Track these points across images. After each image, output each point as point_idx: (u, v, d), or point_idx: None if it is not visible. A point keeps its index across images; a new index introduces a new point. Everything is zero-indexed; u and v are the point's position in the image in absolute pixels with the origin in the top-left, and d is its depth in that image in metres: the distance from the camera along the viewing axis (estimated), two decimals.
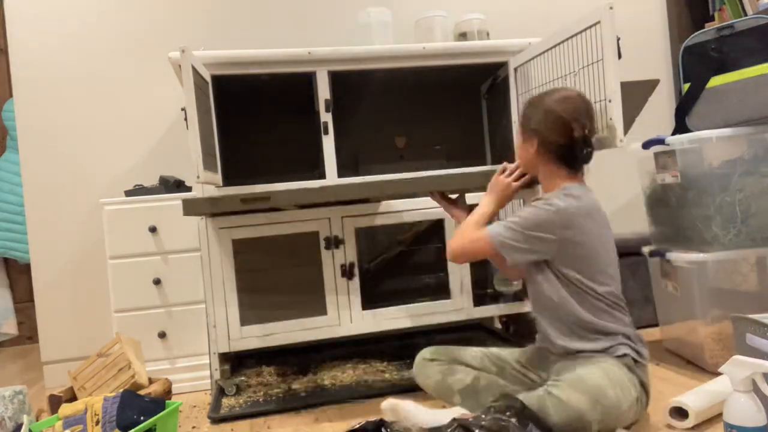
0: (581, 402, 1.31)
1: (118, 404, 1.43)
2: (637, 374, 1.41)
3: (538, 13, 2.72)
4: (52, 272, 2.39)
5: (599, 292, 1.45)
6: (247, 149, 2.33)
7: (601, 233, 1.50)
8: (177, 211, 2.13)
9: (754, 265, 1.81)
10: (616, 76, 1.54)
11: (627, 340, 1.45)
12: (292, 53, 1.96)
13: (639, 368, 1.43)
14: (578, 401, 1.31)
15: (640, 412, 1.44)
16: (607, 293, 1.46)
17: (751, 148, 1.80)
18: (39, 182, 2.39)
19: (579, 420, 1.30)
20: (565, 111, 1.48)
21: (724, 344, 1.81)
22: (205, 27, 2.50)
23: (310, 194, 1.75)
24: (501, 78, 2.24)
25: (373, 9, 2.29)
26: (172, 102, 2.47)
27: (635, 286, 2.40)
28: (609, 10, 1.53)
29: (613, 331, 1.45)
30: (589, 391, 1.32)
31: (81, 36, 2.42)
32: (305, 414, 1.78)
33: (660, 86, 2.83)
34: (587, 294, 1.46)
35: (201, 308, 2.14)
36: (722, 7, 2.59)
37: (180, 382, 2.12)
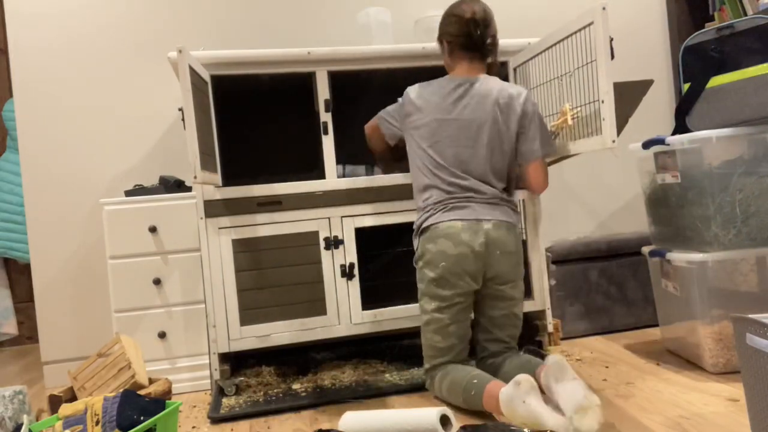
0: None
1: (118, 404, 1.43)
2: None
3: (537, 13, 2.72)
4: (52, 272, 2.39)
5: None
6: (247, 149, 2.33)
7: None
8: (177, 211, 2.13)
9: (754, 265, 1.81)
10: (609, 77, 1.54)
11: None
12: (292, 53, 1.96)
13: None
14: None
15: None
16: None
17: (751, 148, 1.80)
18: (39, 182, 2.39)
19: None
20: (452, 5, 1.87)
21: (724, 344, 1.81)
22: (205, 27, 2.50)
23: (323, 197, 1.76)
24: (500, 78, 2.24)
25: (372, 9, 2.29)
26: (172, 102, 2.47)
27: (635, 286, 2.40)
28: (602, 11, 1.53)
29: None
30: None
31: (81, 36, 2.42)
32: (305, 414, 1.78)
33: (660, 86, 2.84)
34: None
35: (201, 308, 2.14)
36: (722, 7, 2.59)
37: (180, 382, 2.12)
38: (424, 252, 1.77)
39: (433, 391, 1.77)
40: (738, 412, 1.52)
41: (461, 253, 1.71)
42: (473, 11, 1.81)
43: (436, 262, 1.73)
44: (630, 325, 2.40)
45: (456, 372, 1.69)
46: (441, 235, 1.74)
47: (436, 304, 1.75)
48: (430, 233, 1.76)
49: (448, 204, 1.77)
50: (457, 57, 1.86)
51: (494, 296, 1.78)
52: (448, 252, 1.72)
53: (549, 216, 2.74)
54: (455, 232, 1.73)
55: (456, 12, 1.84)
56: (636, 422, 1.51)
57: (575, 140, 1.76)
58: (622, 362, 2.01)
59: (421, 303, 1.80)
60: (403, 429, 1.47)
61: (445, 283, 1.73)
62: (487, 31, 1.83)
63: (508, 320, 1.80)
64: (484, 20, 1.82)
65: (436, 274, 1.74)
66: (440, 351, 1.75)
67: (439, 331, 1.74)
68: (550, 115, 1.93)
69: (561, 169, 2.76)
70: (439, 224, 1.75)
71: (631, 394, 1.71)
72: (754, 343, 1.37)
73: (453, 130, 1.79)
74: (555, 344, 2.24)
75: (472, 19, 1.80)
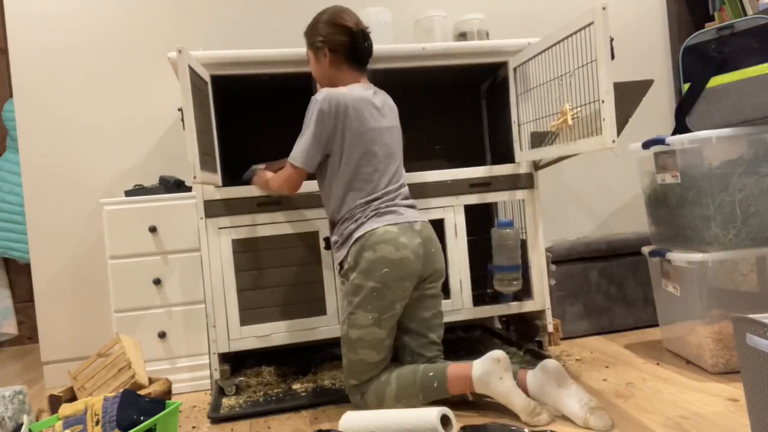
0: None
1: (118, 404, 1.43)
2: None
3: (537, 13, 2.72)
4: (52, 272, 2.39)
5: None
6: (247, 149, 2.33)
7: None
8: (177, 211, 2.13)
9: (754, 265, 1.81)
10: (609, 77, 1.54)
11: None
12: (292, 53, 1.96)
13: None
14: None
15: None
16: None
17: (751, 148, 1.80)
18: (39, 182, 2.39)
19: None
20: (330, 13, 1.79)
21: (724, 344, 1.81)
22: (205, 27, 2.50)
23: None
24: (501, 78, 2.24)
25: (372, 9, 2.29)
26: (171, 102, 2.47)
27: (635, 286, 2.40)
28: (602, 11, 1.53)
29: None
30: None
31: (81, 36, 2.42)
32: (305, 414, 1.78)
33: (660, 86, 2.84)
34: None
35: (201, 308, 2.14)
36: (722, 7, 2.59)
37: (180, 382, 2.12)
38: (358, 261, 1.68)
39: (365, 406, 1.70)
40: (738, 412, 1.52)
41: (404, 256, 1.66)
42: (356, 22, 1.79)
43: (377, 270, 1.65)
44: (630, 325, 2.40)
45: (401, 376, 1.66)
46: (379, 241, 1.66)
47: (374, 317, 1.66)
48: (364, 241, 1.68)
49: (379, 210, 1.73)
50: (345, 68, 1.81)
51: (426, 296, 1.76)
52: (389, 257, 1.65)
53: (549, 216, 2.74)
54: (393, 236, 1.67)
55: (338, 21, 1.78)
56: (636, 422, 1.51)
57: (575, 140, 1.76)
58: (622, 362, 2.01)
59: (351, 319, 1.69)
60: (404, 429, 1.46)
61: (386, 290, 1.66)
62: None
63: (437, 319, 1.79)
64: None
65: (378, 282, 1.65)
66: (372, 366, 1.68)
67: (374, 346, 1.67)
68: (550, 115, 1.93)
69: (561, 169, 2.76)
70: (374, 231, 1.68)
71: (631, 394, 1.71)
72: (754, 343, 1.37)
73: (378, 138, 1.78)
74: (555, 344, 2.24)
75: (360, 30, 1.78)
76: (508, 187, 2.11)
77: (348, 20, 1.77)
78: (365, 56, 1.81)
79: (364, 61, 1.82)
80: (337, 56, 1.78)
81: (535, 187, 2.13)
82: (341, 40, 1.76)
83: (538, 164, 2.15)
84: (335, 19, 1.78)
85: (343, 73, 1.80)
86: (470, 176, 2.09)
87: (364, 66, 1.83)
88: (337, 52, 1.78)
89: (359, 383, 1.70)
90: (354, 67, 1.80)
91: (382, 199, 1.74)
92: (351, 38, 1.76)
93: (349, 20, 1.78)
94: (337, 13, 1.79)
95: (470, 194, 2.08)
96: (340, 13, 1.79)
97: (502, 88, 2.22)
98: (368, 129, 1.74)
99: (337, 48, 1.77)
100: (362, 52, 1.79)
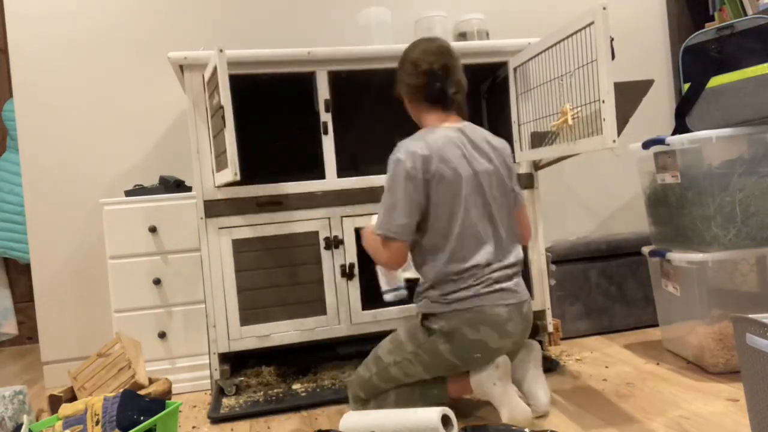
0: None
1: (118, 404, 1.43)
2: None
3: (537, 13, 2.73)
4: (52, 272, 2.39)
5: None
6: (247, 149, 2.33)
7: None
8: (177, 211, 2.14)
9: (754, 265, 1.81)
10: (609, 77, 1.54)
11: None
12: (292, 53, 1.96)
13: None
14: None
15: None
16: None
17: (751, 148, 1.80)
18: (39, 182, 2.39)
19: None
20: (411, 52, 1.66)
21: (724, 344, 1.81)
22: (205, 27, 2.50)
23: (323, 197, 1.78)
24: (501, 78, 2.24)
25: (372, 9, 2.29)
26: (171, 102, 2.47)
27: (635, 286, 2.40)
28: (603, 11, 1.53)
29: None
30: None
31: (81, 36, 2.42)
32: (305, 414, 1.78)
33: (660, 86, 2.84)
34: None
35: (201, 308, 2.14)
36: (722, 7, 2.59)
37: (180, 382, 2.12)
38: (453, 332, 1.52)
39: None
40: (738, 412, 1.52)
41: (503, 347, 1.55)
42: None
43: (469, 352, 1.53)
44: (630, 325, 2.40)
45: (399, 389, 1.64)
46: (485, 323, 1.51)
47: (430, 376, 1.59)
48: (471, 315, 1.52)
49: (491, 278, 1.55)
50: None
51: None
52: (490, 345, 1.52)
53: (549, 216, 2.74)
54: (501, 321, 1.52)
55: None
56: (636, 422, 1.51)
57: (575, 140, 1.76)
58: (622, 362, 2.01)
59: (403, 362, 1.59)
60: (404, 429, 1.46)
61: (463, 368, 1.57)
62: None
63: None
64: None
65: (461, 362, 1.55)
66: (385, 388, 1.65)
67: (403, 382, 1.62)
68: (550, 115, 1.93)
69: (561, 169, 2.75)
70: (483, 308, 1.52)
71: (631, 394, 1.71)
72: (754, 343, 1.36)
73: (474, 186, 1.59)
74: (555, 344, 2.24)
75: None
76: None
77: (418, 56, 1.64)
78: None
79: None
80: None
81: (535, 187, 2.13)
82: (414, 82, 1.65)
83: (538, 164, 2.14)
84: (407, 56, 1.68)
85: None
86: None
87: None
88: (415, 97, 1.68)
89: (365, 399, 1.68)
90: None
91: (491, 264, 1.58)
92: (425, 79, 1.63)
93: (419, 56, 1.64)
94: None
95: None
96: (411, 50, 1.68)
97: (502, 88, 2.22)
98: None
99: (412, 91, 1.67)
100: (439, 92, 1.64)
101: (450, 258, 1.54)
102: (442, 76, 1.61)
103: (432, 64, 1.61)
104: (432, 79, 1.61)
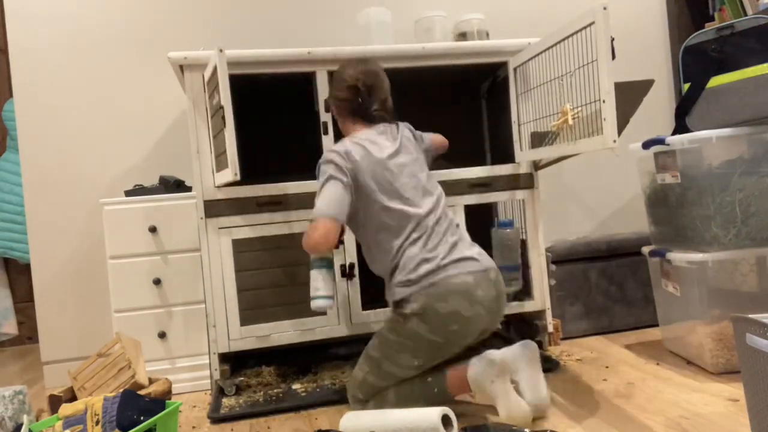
0: None
1: (118, 404, 1.43)
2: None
3: (537, 13, 2.72)
4: (52, 272, 2.39)
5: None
6: (247, 149, 2.33)
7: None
8: (177, 211, 2.14)
9: (754, 265, 1.81)
10: (610, 77, 1.54)
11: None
12: (292, 53, 1.96)
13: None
14: None
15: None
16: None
17: (751, 148, 1.80)
18: (39, 182, 2.39)
19: None
20: (344, 69, 1.79)
21: (724, 344, 1.81)
22: (205, 27, 2.50)
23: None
24: (501, 78, 2.24)
25: (372, 9, 2.29)
26: (171, 102, 2.47)
27: (635, 286, 2.40)
28: (603, 11, 1.53)
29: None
30: None
31: (81, 36, 2.42)
32: (305, 414, 1.78)
33: (660, 86, 2.84)
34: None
35: (201, 308, 2.14)
36: (722, 7, 2.59)
37: (180, 382, 2.12)
38: (426, 309, 1.56)
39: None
40: (738, 412, 1.52)
41: (477, 315, 1.57)
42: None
43: (445, 325, 1.55)
44: (630, 325, 2.40)
45: (399, 387, 1.64)
46: (454, 293, 1.55)
47: (419, 363, 1.60)
48: (438, 290, 1.56)
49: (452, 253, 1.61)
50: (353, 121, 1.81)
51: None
52: (463, 314, 1.55)
53: (549, 216, 2.74)
54: (469, 288, 1.57)
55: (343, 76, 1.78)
56: (636, 422, 1.51)
57: (576, 140, 1.76)
58: (622, 362, 2.01)
59: (391, 353, 1.61)
60: (404, 428, 1.46)
61: (446, 347, 1.58)
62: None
63: None
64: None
65: (441, 338, 1.57)
66: (385, 387, 1.65)
67: (399, 379, 1.63)
68: (550, 115, 1.93)
69: (561, 169, 2.75)
70: (449, 278, 1.57)
71: (631, 394, 1.71)
72: (754, 343, 1.37)
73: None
74: (555, 344, 2.24)
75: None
76: (508, 187, 2.11)
77: (347, 73, 1.78)
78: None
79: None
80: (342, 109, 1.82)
81: (535, 187, 2.13)
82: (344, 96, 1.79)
83: (538, 164, 2.15)
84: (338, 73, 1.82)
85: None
86: (470, 176, 2.09)
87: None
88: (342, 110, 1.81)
89: (366, 399, 1.68)
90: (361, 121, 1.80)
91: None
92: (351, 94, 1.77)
93: (349, 73, 1.78)
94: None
95: (470, 194, 2.08)
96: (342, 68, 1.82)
97: (502, 88, 2.22)
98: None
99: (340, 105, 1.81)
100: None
101: (390, 233, 1.64)
102: (366, 93, 1.75)
103: (358, 82, 1.75)
104: (356, 95, 1.75)
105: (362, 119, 1.78)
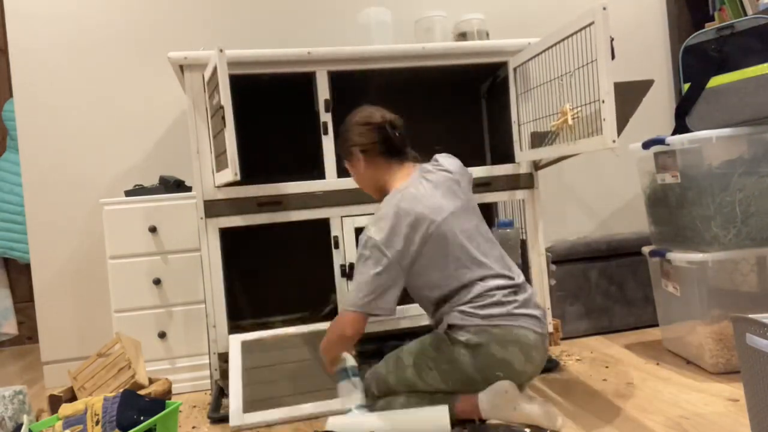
0: None
1: (118, 404, 1.43)
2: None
3: (537, 13, 2.72)
4: (52, 272, 2.39)
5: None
6: (247, 149, 2.33)
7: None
8: (177, 211, 2.13)
9: (754, 265, 1.81)
10: (609, 77, 1.54)
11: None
12: (292, 53, 1.96)
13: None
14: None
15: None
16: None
17: (751, 148, 1.80)
18: (39, 182, 2.39)
19: None
20: (354, 117, 1.69)
21: (724, 344, 1.81)
22: (205, 27, 2.50)
23: (323, 197, 1.80)
24: (501, 78, 2.24)
25: (372, 9, 2.29)
26: (171, 102, 2.47)
27: (635, 286, 2.40)
28: (603, 11, 1.53)
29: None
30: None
31: (81, 36, 2.42)
32: None
33: (660, 86, 2.84)
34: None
35: (201, 308, 2.14)
36: (722, 7, 2.59)
37: (180, 382, 2.12)
38: (480, 346, 1.50)
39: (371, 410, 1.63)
40: (738, 412, 1.52)
41: (524, 373, 1.52)
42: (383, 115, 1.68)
43: (492, 370, 1.50)
44: (630, 325, 2.40)
45: (410, 396, 1.61)
46: (515, 343, 1.50)
47: (446, 388, 1.56)
48: (502, 332, 1.50)
49: (515, 301, 1.54)
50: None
51: None
52: (515, 366, 1.50)
53: (549, 216, 2.74)
54: (529, 345, 1.51)
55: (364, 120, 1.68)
56: (636, 422, 1.51)
57: (576, 140, 1.76)
58: (622, 362, 2.01)
59: (424, 370, 1.57)
60: (410, 429, 1.46)
61: (481, 386, 1.52)
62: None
63: None
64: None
65: (482, 378, 1.51)
66: (398, 390, 1.63)
67: (417, 388, 1.60)
68: (550, 115, 1.93)
69: (561, 169, 2.75)
70: (512, 327, 1.51)
71: (631, 394, 1.71)
72: (754, 343, 1.36)
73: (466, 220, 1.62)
74: (555, 344, 2.24)
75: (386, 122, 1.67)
76: (508, 187, 2.11)
77: (366, 117, 1.69)
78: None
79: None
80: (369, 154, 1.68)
81: (535, 187, 2.13)
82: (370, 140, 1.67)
83: (538, 164, 2.15)
84: (354, 121, 1.70)
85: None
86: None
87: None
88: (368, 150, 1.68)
89: (378, 396, 1.66)
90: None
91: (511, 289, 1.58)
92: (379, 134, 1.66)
93: (369, 115, 1.69)
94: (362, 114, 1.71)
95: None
96: (357, 116, 1.71)
97: (502, 88, 2.22)
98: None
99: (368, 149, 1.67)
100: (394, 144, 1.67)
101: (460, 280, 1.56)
102: (392, 128, 1.66)
103: (380, 119, 1.66)
104: (384, 133, 1.65)
105: (397, 156, 1.68)
